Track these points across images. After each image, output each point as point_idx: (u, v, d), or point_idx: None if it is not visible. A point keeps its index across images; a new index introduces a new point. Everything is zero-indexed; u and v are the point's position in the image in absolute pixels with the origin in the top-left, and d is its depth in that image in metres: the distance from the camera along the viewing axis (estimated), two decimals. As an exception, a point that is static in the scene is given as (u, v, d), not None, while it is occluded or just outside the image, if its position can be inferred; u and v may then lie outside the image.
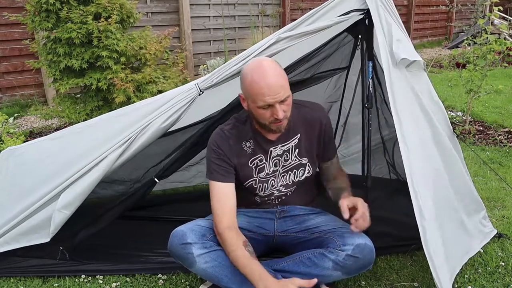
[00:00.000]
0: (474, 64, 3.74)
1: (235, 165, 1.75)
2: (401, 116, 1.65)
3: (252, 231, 1.83)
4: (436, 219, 1.60)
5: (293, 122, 1.76)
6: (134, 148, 1.82)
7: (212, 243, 1.67)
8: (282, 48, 1.74)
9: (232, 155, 1.74)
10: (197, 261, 1.61)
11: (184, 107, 1.81)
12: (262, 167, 1.79)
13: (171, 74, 3.67)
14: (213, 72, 1.81)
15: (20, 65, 4.82)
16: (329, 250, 1.65)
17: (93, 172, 1.81)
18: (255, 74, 1.56)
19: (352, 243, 1.63)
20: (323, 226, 1.79)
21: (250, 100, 1.60)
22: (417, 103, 1.75)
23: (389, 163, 2.48)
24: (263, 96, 1.54)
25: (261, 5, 6.84)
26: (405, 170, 1.60)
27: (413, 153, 1.62)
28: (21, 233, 1.88)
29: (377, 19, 1.71)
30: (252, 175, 1.79)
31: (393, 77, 1.68)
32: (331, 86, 2.47)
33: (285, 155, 1.79)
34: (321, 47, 1.94)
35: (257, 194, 1.84)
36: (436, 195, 1.66)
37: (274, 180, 1.82)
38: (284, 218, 1.88)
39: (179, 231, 1.66)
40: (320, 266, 1.64)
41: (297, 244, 1.83)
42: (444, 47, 9.28)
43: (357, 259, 1.62)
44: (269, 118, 1.60)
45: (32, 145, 1.96)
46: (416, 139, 1.66)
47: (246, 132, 1.76)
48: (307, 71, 2.01)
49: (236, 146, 1.75)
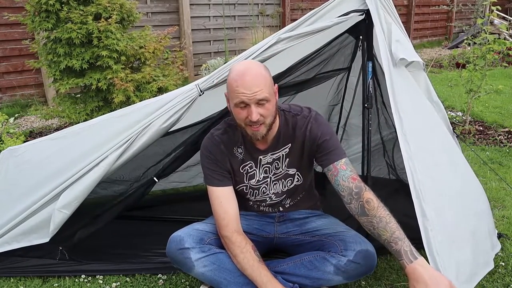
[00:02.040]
0: (474, 64, 3.75)
1: (228, 169, 1.72)
2: (401, 115, 1.64)
3: (252, 233, 1.82)
4: (441, 219, 1.57)
5: (284, 131, 1.72)
6: (134, 148, 1.82)
7: (211, 247, 1.66)
8: (283, 48, 1.75)
9: (225, 159, 1.71)
10: (195, 266, 1.61)
11: (184, 107, 1.81)
12: (253, 174, 1.76)
13: (170, 72, 3.67)
14: (213, 72, 1.81)
15: (20, 65, 4.83)
16: (330, 254, 1.64)
17: (93, 172, 1.81)
18: (235, 71, 1.55)
19: (354, 249, 1.61)
20: (324, 229, 1.78)
21: (230, 98, 1.58)
22: (417, 102, 1.75)
23: (388, 164, 2.49)
24: (238, 92, 1.51)
25: (261, 5, 6.84)
26: (406, 169, 1.60)
27: (414, 152, 1.61)
28: (21, 233, 1.88)
29: (377, 20, 1.71)
30: (243, 181, 1.77)
31: (393, 77, 1.67)
32: (333, 90, 2.48)
33: (275, 163, 1.76)
34: (322, 48, 1.95)
35: (249, 199, 1.83)
36: (442, 194, 1.63)
37: (266, 187, 1.79)
38: (284, 222, 1.88)
39: (177, 236, 1.66)
40: (321, 270, 1.63)
41: (297, 246, 1.83)
42: (444, 47, 9.28)
43: (358, 265, 1.60)
44: (244, 119, 1.55)
45: (32, 145, 1.96)
46: (417, 138, 1.65)
47: (237, 138, 1.73)
48: (309, 71, 2.01)
49: (227, 151, 1.72)
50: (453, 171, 1.76)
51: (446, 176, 1.70)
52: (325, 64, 2.07)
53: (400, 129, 1.63)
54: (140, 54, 3.45)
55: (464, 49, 4.56)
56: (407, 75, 1.74)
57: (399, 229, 1.46)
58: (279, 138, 1.71)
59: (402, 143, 1.61)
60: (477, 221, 1.82)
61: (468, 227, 1.71)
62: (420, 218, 1.54)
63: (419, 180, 1.57)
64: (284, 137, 1.72)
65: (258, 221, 1.87)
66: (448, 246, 1.55)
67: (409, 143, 1.61)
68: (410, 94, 1.73)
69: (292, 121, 1.71)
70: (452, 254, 1.56)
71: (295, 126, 1.71)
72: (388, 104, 2.09)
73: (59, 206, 1.81)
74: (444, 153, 1.75)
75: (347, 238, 1.68)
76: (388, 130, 2.35)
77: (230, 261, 1.64)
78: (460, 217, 1.67)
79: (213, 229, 1.73)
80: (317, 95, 2.27)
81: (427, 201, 1.55)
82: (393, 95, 1.65)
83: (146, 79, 3.38)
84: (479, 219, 1.85)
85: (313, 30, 1.74)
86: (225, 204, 1.67)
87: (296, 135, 1.71)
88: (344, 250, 1.63)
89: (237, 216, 1.68)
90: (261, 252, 1.82)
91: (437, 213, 1.56)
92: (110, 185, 2.21)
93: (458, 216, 1.67)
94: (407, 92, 1.71)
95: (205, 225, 1.75)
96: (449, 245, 1.56)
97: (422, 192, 1.56)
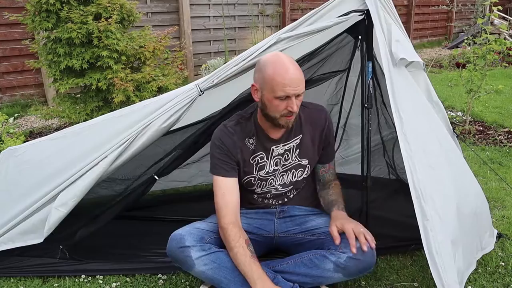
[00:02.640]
0: (474, 64, 3.75)
1: (238, 161, 1.76)
2: (402, 115, 1.64)
3: (253, 232, 1.83)
4: (441, 218, 1.57)
5: (296, 122, 1.77)
6: (133, 148, 1.82)
7: (211, 245, 1.66)
8: (283, 48, 1.75)
9: (236, 151, 1.75)
10: (196, 264, 1.61)
11: (184, 107, 1.81)
12: (263, 165, 1.79)
13: (169, 71, 3.67)
14: (213, 72, 1.81)
15: (20, 65, 4.83)
16: (330, 252, 1.65)
17: (92, 171, 1.81)
18: (278, 65, 1.58)
19: (353, 244, 1.62)
20: (324, 228, 1.78)
21: (267, 91, 1.61)
22: (417, 102, 1.75)
23: (389, 164, 2.49)
24: (284, 87, 1.56)
25: (261, 5, 6.84)
26: (405, 169, 1.60)
27: (415, 152, 1.61)
28: (19, 232, 1.88)
29: (377, 20, 1.71)
30: (252, 172, 1.80)
31: (393, 77, 1.67)
32: (331, 89, 2.48)
33: (286, 154, 1.80)
34: (321, 48, 1.95)
35: (254, 191, 1.85)
36: (442, 194, 1.63)
37: (273, 179, 1.83)
38: (284, 219, 1.88)
39: (177, 234, 1.66)
40: (321, 267, 1.64)
41: (297, 245, 1.83)
42: (444, 47, 9.28)
43: (358, 261, 1.61)
44: (282, 111, 1.62)
45: (32, 145, 1.97)
46: (417, 138, 1.65)
47: (250, 129, 1.77)
48: (307, 71, 2.01)
49: (240, 142, 1.76)
50: (453, 171, 1.76)
51: (445, 176, 1.70)
52: (322, 64, 2.06)
53: (400, 129, 1.63)
54: (140, 54, 3.45)
55: (464, 49, 4.55)
56: (407, 75, 1.74)
57: (341, 198, 1.83)
58: (292, 127, 1.76)
59: (402, 143, 1.61)
60: (474, 221, 1.82)
61: (465, 227, 1.71)
62: (420, 218, 1.54)
63: (419, 180, 1.57)
64: (296, 129, 1.79)
65: (258, 220, 1.87)
66: (448, 246, 1.55)
67: (409, 143, 1.61)
68: (410, 94, 1.73)
69: (302, 113, 1.80)
70: (452, 255, 1.56)
71: (306, 117, 1.81)
72: (388, 104, 2.08)
73: (57, 205, 1.81)
74: (444, 153, 1.75)
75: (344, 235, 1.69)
76: (388, 130, 2.35)
77: (230, 260, 1.64)
78: (459, 217, 1.67)
79: (213, 228, 1.74)
80: (315, 94, 2.26)
81: (427, 201, 1.55)
82: (393, 95, 1.65)
83: (146, 79, 3.39)
84: (477, 220, 1.85)
85: (313, 30, 1.74)
86: (227, 196, 1.70)
87: (306, 126, 1.81)
88: (344, 247, 1.63)
89: (237, 209, 1.71)
90: (261, 252, 1.84)
91: (437, 213, 1.56)
92: (111, 184, 2.21)
93: (457, 216, 1.67)
94: (407, 92, 1.70)
95: (206, 224, 1.75)
96: (449, 245, 1.56)
97: (422, 192, 1.56)
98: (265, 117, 1.70)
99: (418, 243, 1.85)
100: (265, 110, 1.67)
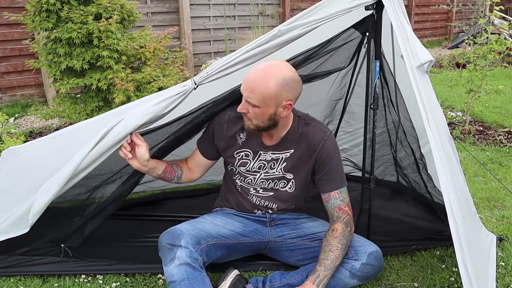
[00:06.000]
0: (474, 64, 3.75)
1: (217, 147, 1.81)
2: (428, 116, 1.52)
3: (248, 236, 1.84)
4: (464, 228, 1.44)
5: (291, 136, 1.74)
6: (115, 134, 1.74)
7: (198, 258, 1.59)
8: (282, 41, 1.67)
9: (220, 138, 1.78)
10: (174, 263, 1.54)
11: (178, 95, 1.74)
12: (245, 162, 1.80)
13: (170, 72, 3.67)
14: (209, 66, 1.79)
15: (20, 65, 4.83)
16: (343, 261, 1.66)
17: (74, 159, 1.75)
18: (256, 66, 1.61)
19: (365, 251, 1.66)
20: (321, 233, 1.78)
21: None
22: (433, 103, 1.68)
23: (396, 164, 2.42)
24: (243, 84, 1.61)
25: (261, 5, 6.84)
26: (439, 179, 1.46)
27: (443, 160, 1.48)
28: (9, 224, 1.85)
29: (394, 16, 1.61)
30: (233, 164, 1.82)
31: (417, 77, 1.55)
32: (336, 84, 2.42)
33: (272, 163, 1.78)
34: (326, 43, 1.85)
35: (235, 181, 1.85)
36: (458, 199, 1.52)
37: (252, 179, 1.81)
38: (277, 225, 1.88)
39: (177, 230, 1.65)
40: (337, 276, 1.66)
41: (296, 250, 1.84)
42: (444, 47, 9.29)
43: (372, 266, 1.66)
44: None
45: (32, 145, 1.96)
46: (440, 142, 1.54)
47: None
48: (307, 67, 1.95)
49: (230, 132, 1.77)
50: (454, 175, 1.76)
51: (458, 180, 1.68)
52: (327, 60, 1.96)
53: (429, 131, 1.50)
54: (141, 54, 3.45)
55: (464, 49, 4.55)
56: (426, 75, 1.67)
57: (333, 262, 1.61)
58: (285, 140, 1.74)
59: (435, 149, 1.48)
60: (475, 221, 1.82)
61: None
62: (454, 231, 1.40)
63: (448, 190, 1.45)
64: (290, 141, 1.75)
65: (253, 222, 1.87)
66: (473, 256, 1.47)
67: (437, 149, 1.48)
68: (433, 96, 1.66)
69: (303, 128, 1.75)
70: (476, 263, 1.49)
71: (304, 134, 1.75)
72: (396, 104, 2.05)
73: (40, 190, 1.78)
74: (453, 156, 1.73)
75: (353, 242, 1.71)
76: (394, 130, 2.27)
77: (203, 286, 1.55)
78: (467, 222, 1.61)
79: (216, 232, 1.75)
80: (318, 89, 2.20)
81: (456, 211, 1.43)
82: (420, 96, 1.53)
83: (147, 79, 3.38)
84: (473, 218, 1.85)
85: (316, 20, 1.65)
86: (190, 159, 1.90)
87: (300, 142, 1.75)
88: (355, 255, 1.67)
89: (182, 166, 1.89)
90: (254, 253, 1.91)
91: (462, 221, 1.45)
92: (101, 177, 2.13)
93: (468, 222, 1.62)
94: (432, 94, 1.64)
95: (212, 225, 1.77)
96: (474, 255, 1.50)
97: (451, 200, 1.44)
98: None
99: (418, 244, 1.86)
100: None
